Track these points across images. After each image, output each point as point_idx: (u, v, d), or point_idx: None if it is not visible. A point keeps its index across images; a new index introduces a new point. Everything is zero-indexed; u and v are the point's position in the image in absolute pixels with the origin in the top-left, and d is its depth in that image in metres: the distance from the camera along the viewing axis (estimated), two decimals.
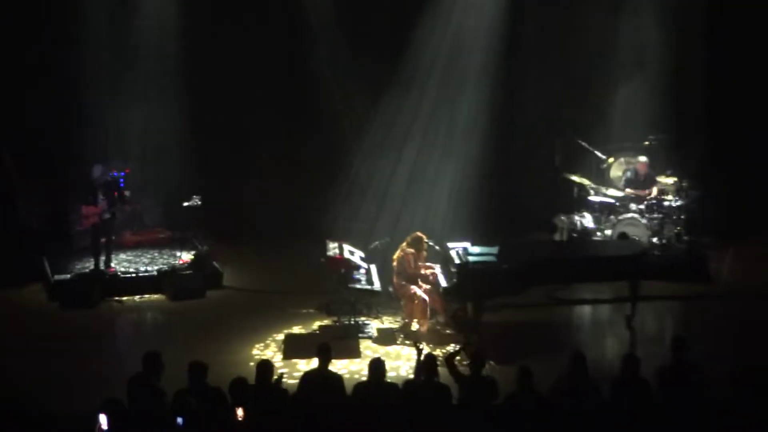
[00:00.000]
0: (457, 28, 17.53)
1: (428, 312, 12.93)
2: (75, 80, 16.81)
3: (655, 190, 16.24)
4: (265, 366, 9.16)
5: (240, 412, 8.62)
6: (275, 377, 9.22)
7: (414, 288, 12.96)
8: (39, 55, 16.76)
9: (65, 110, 16.88)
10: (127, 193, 15.26)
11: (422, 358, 9.44)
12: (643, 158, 16.52)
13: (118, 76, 17.03)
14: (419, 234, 13.30)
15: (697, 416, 8.62)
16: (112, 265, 15.31)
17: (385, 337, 12.85)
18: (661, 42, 17.28)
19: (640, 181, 16.48)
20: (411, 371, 10.85)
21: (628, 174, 16.66)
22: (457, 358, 9.87)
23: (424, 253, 13.25)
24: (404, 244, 13.24)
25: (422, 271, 13.17)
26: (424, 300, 12.87)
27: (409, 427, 8.41)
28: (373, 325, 13.25)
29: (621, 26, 17.62)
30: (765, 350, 9.60)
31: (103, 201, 14.85)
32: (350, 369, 11.62)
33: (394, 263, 13.21)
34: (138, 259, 16.11)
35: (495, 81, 17.56)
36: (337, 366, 11.43)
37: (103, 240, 15.16)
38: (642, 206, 16.11)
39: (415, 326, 12.97)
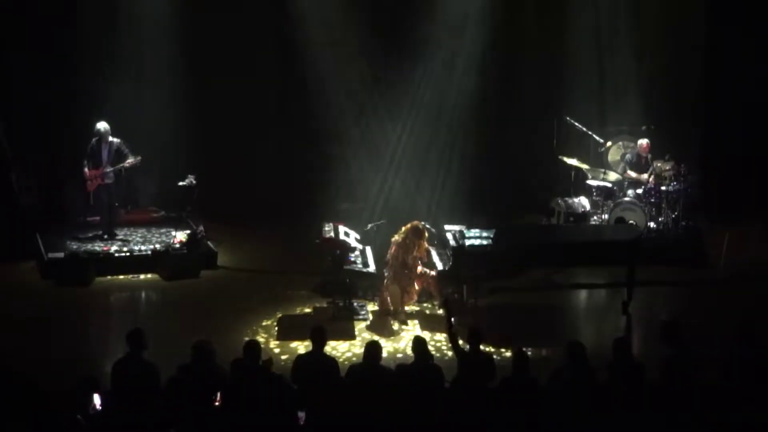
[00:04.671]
0: (454, 8, 17.44)
1: (393, 308, 12.73)
2: (69, 56, 16.73)
3: (651, 177, 16.12)
4: (252, 347, 9.04)
5: (218, 395, 8.63)
6: (264, 360, 9.14)
7: (387, 285, 12.73)
8: (33, 28, 16.65)
9: (60, 87, 16.79)
10: (131, 159, 15.22)
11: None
12: (644, 140, 16.42)
13: (114, 53, 16.91)
14: (418, 224, 12.87)
15: (690, 401, 8.58)
16: (116, 232, 15.60)
17: (381, 321, 12.77)
18: (659, 24, 17.26)
19: (641, 165, 16.38)
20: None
21: (628, 157, 16.56)
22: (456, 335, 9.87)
23: (425, 245, 12.96)
24: (403, 236, 12.76)
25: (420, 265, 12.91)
26: (397, 302, 12.69)
27: (402, 410, 8.36)
28: (368, 308, 13.18)
29: (620, 8, 17.55)
30: (763, 334, 9.58)
31: (106, 163, 14.95)
32: (355, 352, 11.53)
33: (393, 255, 12.76)
34: (132, 238, 16.04)
35: (493, 62, 17.49)
36: (340, 350, 11.54)
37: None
38: (640, 191, 16.04)
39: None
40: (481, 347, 9.61)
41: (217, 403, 8.72)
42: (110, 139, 15.18)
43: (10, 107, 16.57)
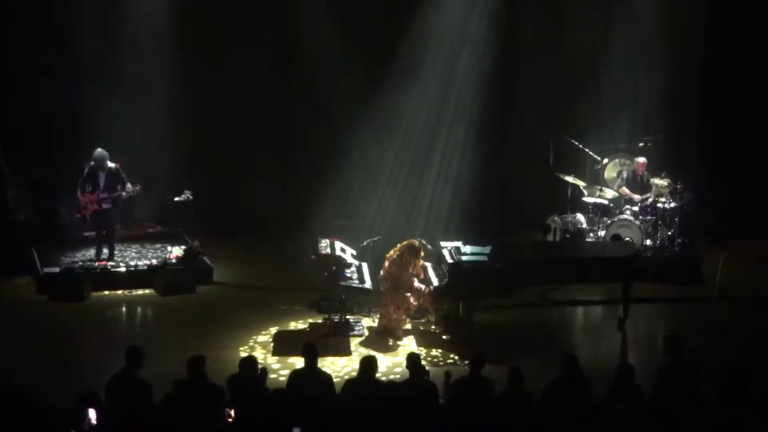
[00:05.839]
0: (452, 25, 17.50)
1: (394, 328, 12.69)
2: (66, 72, 16.76)
3: (651, 197, 16.14)
4: (249, 363, 9.05)
5: (231, 412, 8.60)
6: (259, 371, 9.16)
7: (389, 303, 12.69)
8: (33, 49, 16.70)
9: (57, 103, 16.82)
10: (129, 188, 15.14)
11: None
12: (641, 158, 16.46)
13: (111, 69, 16.97)
14: (414, 242, 12.87)
15: (689, 416, 8.56)
16: (115, 254, 15.40)
17: (377, 337, 12.75)
18: (657, 41, 17.29)
19: (637, 182, 16.42)
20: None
21: (625, 174, 16.59)
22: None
23: (421, 263, 12.95)
24: (398, 254, 12.74)
25: (416, 281, 12.87)
26: (393, 319, 12.66)
27: (396, 427, 8.34)
28: (364, 323, 13.17)
29: (617, 25, 17.61)
30: (757, 353, 9.58)
31: (104, 189, 14.87)
32: (353, 367, 11.42)
33: (387, 271, 12.76)
34: (128, 254, 16.02)
35: (490, 79, 17.54)
36: (339, 365, 11.55)
37: (103, 232, 15.33)
38: (636, 208, 16.07)
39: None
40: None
41: (230, 420, 8.69)
42: (108, 164, 15.01)
43: (6, 122, 16.57)
